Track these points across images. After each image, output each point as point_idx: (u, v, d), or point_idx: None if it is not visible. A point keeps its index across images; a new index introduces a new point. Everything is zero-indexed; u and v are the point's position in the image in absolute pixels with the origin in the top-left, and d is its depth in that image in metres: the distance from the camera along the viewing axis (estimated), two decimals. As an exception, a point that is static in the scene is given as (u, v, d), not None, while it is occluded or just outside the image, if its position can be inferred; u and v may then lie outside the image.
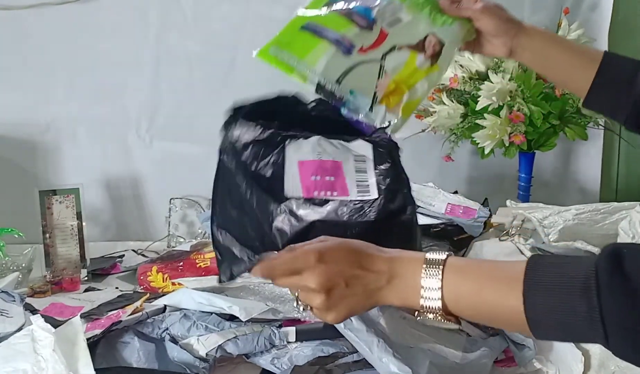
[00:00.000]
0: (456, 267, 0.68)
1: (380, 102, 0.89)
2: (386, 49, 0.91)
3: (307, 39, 0.90)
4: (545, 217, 1.21)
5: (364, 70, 0.89)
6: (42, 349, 0.91)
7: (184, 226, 1.68)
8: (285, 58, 0.88)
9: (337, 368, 0.97)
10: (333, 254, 0.72)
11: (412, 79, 0.92)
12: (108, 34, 1.65)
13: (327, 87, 0.86)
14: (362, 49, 0.90)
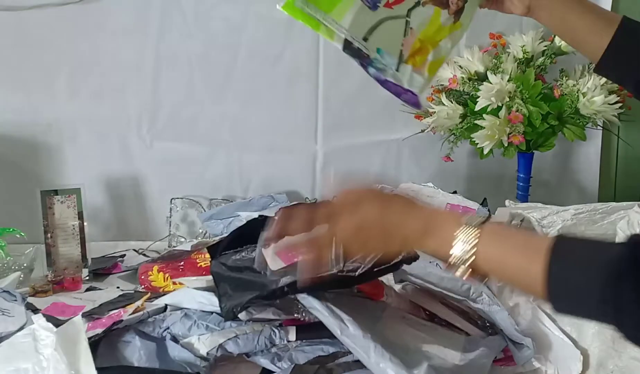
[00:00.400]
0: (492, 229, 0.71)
1: (406, 62, 0.89)
2: (411, 5, 0.89)
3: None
4: (544, 217, 1.21)
5: (390, 27, 0.88)
6: (44, 348, 0.91)
7: (185, 226, 1.68)
8: (311, 11, 0.86)
9: (337, 367, 0.97)
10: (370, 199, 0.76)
11: (437, 36, 0.91)
12: (109, 34, 1.65)
13: (354, 44, 0.85)
14: (387, 3, 0.88)
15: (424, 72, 0.90)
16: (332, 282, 0.96)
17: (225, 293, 1.01)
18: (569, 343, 1.01)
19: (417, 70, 0.90)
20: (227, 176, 1.74)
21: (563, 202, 1.28)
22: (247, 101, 1.71)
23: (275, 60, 1.69)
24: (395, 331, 0.99)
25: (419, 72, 0.90)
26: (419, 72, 0.90)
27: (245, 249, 1.09)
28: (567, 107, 1.53)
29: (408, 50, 0.89)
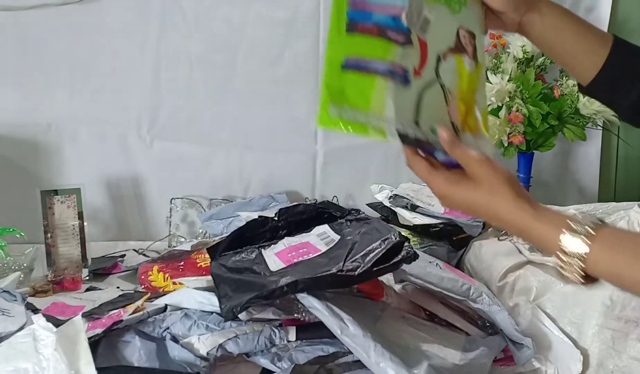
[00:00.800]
0: (605, 238, 0.70)
1: (463, 131, 0.80)
2: (434, 63, 0.80)
3: (358, 80, 0.76)
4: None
5: (431, 99, 0.78)
6: (44, 348, 0.91)
7: (185, 226, 1.69)
8: (351, 116, 0.75)
9: (338, 367, 0.97)
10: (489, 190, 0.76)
11: (471, 87, 0.83)
12: (109, 34, 1.65)
13: (409, 134, 0.75)
14: (415, 71, 0.78)
15: (483, 134, 0.82)
16: (332, 282, 0.96)
17: (226, 295, 1.01)
18: (569, 343, 1.01)
19: (477, 135, 0.82)
20: (227, 176, 1.74)
21: (563, 202, 1.29)
22: (247, 101, 1.71)
23: (275, 60, 1.69)
24: (395, 331, 0.99)
25: (480, 137, 0.82)
26: (479, 136, 0.82)
27: (245, 250, 1.10)
28: (567, 107, 1.53)
29: (458, 117, 0.80)
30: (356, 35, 0.77)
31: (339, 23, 0.77)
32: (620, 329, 0.99)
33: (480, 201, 0.76)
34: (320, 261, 0.99)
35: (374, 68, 0.76)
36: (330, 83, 0.75)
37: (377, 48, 0.76)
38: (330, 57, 0.77)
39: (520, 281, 1.15)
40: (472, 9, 0.85)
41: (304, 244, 1.06)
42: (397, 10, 0.77)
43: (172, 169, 1.72)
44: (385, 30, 0.77)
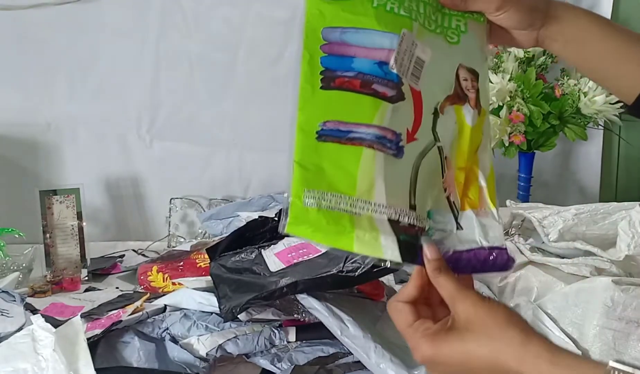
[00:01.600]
0: None
1: (462, 209, 0.64)
2: (430, 120, 0.64)
3: (339, 153, 0.59)
4: (545, 217, 1.21)
5: (428, 170, 0.63)
6: (43, 349, 0.91)
7: (184, 226, 1.68)
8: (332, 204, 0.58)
9: (338, 368, 0.97)
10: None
11: (474, 145, 0.66)
12: (108, 34, 1.65)
13: (403, 223, 0.59)
14: (409, 134, 0.62)
15: (488, 209, 0.65)
16: (332, 282, 0.96)
17: (225, 295, 1.01)
18: (569, 343, 1.01)
19: (481, 213, 0.65)
20: (227, 176, 1.74)
21: (564, 202, 1.28)
22: (247, 100, 1.71)
23: (275, 60, 1.68)
24: (395, 332, 0.98)
25: (484, 215, 0.65)
26: (483, 214, 0.65)
27: (245, 251, 1.09)
28: (568, 106, 1.52)
29: (455, 192, 0.64)
30: (334, 91, 0.62)
31: (312, 76, 0.64)
32: (621, 329, 0.98)
33: (477, 352, 0.58)
34: (320, 262, 0.99)
35: (359, 137, 0.60)
36: (304, 159, 0.60)
37: (361, 107, 0.61)
38: (302, 124, 0.62)
39: (521, 281, 1.14)
40: (473, 35, 0.70)
41: (304, 245, 1.05)
42: (384, 54, 0.63)
43: (172, 169, 1.72)
44: (370, 82, 0.62)
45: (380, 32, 0.63)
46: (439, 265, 0.60)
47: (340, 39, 0.63)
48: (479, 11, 0.70)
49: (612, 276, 1.03)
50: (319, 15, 0.64)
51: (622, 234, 1.11)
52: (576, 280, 1.06)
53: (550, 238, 1.18)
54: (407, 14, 0.65)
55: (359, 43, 0.63)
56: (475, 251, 0.62)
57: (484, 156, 0.67)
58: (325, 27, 0.64)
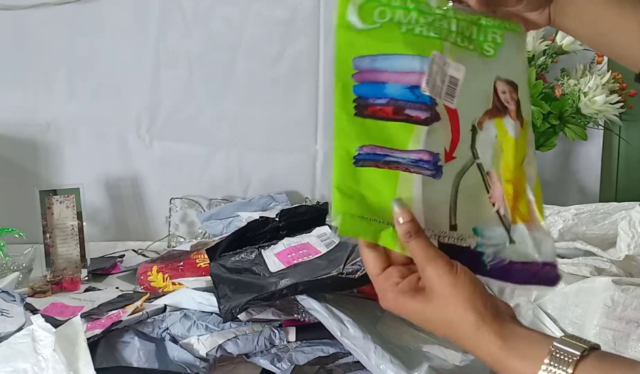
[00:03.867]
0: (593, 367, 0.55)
1: (514, 222, 0.64)
2: (469, 137, 0.64)
3: (376, 178, 0.61)
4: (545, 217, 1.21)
5: (469, 189, 0.63)
6: (43, 349, 0.91)
7: (184, 226, 1.68)
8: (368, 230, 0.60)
9: (338, 368, 0.97)
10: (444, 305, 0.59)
11: (518, 158, 0.66)
12: (108, 33, 1.64)
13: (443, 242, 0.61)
14: (447, 154, 0.62)
15: (538, 223, 0.65)
16: (332, 284, 0.96)
17: (225, 295, 1.01)
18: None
19: (532, 226, 0.64)
20: (227, 176, 1.74)
21: (564, 202, 1.28)
22: (247, 100, 1.70)
23: (275, 60, 1.68)
24: (395, 332, 0.99)
25: (535, 228, 0.64)
26: (535, 226, 0.64)
27: (245, 251, 1.09)
28: (568, 106, 1.52)
29: (504, 205, 0.64)
30: (368, 119, 0.62)
31: (345, 104, 0.62)
32: (621, 329, 0.99)
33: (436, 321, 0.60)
34: (320, 263, 0.99)
35: (395, 161, 0.61)
36: (342, 185, 0.60)
37: (394, 134, 0.61)
38: (338, 150, 0.61)
39: (521, 281, 1.14)
40: (511, 46, 0.68)
41: (304, 246, 1.06)
42: (414, 78, 0.63)
43: (172, 169, 1.72)
44: (402, 107, 0.62)
45: (410, 56, 0.63)
46: (410, 229, 0.59)
47: (370, 66, 0.64)
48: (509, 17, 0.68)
49: (612, 276, 1.03)
50: (348, 45, 0.64)
51: (622, 234, 1.11)
52: (576, 280, 1.06)
53: (550, 238, 1.18)
54: (436, 35, 0.65)
55: (390, 69, 0.63)
56: (529, 264, 0.63)
57: (530, 168, 0.67)
58: (356, 56, 0.64)
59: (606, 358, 0.56)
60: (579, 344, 0.55)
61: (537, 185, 0.67)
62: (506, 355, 0.56)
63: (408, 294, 0.60)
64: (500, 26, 0.68)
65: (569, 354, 0.54)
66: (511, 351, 0.56)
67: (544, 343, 0.56)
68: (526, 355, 0.56)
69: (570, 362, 0.53)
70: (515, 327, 0.58)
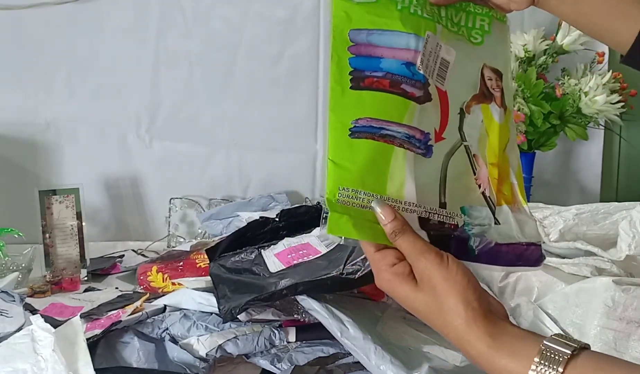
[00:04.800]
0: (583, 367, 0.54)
1: (499, 204, 0.65)
2: (457, 119, 0.65)
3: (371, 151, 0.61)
4: (546, 217, 1.21)
5: (457, 169, 0.64)
6: (42, 349, 0.90)
7: (184, 226, 1.68)
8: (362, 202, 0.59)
9: (338, 368, 0.97)
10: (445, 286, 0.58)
11: (502, 143, 0.67)
12: (108, 33, 1.64)
13: (433, 220, 0.61)
14: (437, 134, 0.63)
15: (521, 205, 0.66)
16: (332, 284, 0.95)
17: (224, 295, 1.00)
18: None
19: (515, 208, 0.66)
20: (227, 176, 1.74)
21: (565, 202, 1.28)
22: (247, 100, 1.70)
23: (275, 60, 1.68)
24: (395, 332, 0.98)
25: (518, 210, 0.66)
26: (517, 209, 0.66)
27: (245, 251, 1.09)
28: (568, 106, 1.52)
29: (489, 187, 0.65)
30: (364, 91, 0.62)
31: (341, 77, 0.63)
32: (622, 329, 0.98)
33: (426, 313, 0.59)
34: (320, 264, 0.99)
35: (391, 134, 0.61)
36: (337, 157, 0.60)
37: (391, 106, 0.62)
38: (334, 123, 0.61)
39: (522, 281, 1.14)
40: (497, 36, 0.71)
41: (304, 246, 1.05)
42: (410, 55, 0.63)
43: (171, 169, 1.72)
44: (399, 82, 0.62)
45: (406, 34, 0.64)
46: (394, 227, 0.59)
47: (366, 40, 0.64)
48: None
49: (612, 276, 1.03)
50: (345, 17, 0.65)
51: (622, 234, 1.11)
52: (577, 280, 1.05)
53: (551, 238, 1.18)
54: (429, 17, 0.66)
55: (386, 44, 0.64)
56: (513, 246, 0.64)
57: (512, 154, 0.68)
58: (352, 29, 0.65)
59: (596, 357, 0.56)
60: (570, 343, 0.54)
61: (519, 171, 0.68)
62: (495, 353, 0.56)
63: (402, 277, 0.60)
64: (487, 14, 0.70)
65: (560, 353, 0.53)
66: (501, 349, 0.56)
67: (534, 341, 0.55)
68: (516, 353, 0.55)
69: (560, 361, 0.53)
70: (506, 326, 0.58)
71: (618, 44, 0.74)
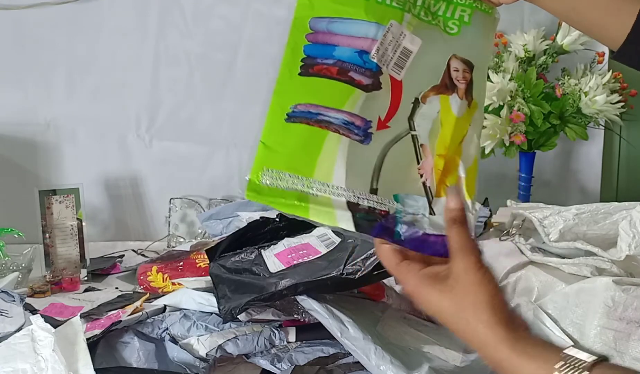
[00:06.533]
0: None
1: (437, 195, 0.65)
2: (409, 109, 0.65)
3: (304, 135, 0.62)
4: (546, 217, 1.21)
5: (398, 157, 0.64)
6: (42, 349, 0.90)
7: (184, 226, 1.68)
8: (288, 184, 0.61)
9: (338, 368, 0.97)
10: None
11: (458, 136, 0.67)
12: (108, 33, 1.64)
13: (362, 204, 0.61)
14: (380, 122, 0.64)
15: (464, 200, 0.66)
16: (332, 285, 0.95)
17: (224, 295, 1.00)
18: (570, 343, 1.01)
19: None
20: (227, 176, 1.74)
21: (565, 202, 1.28)
22: (247, 100, 1.70)
23: (275, 59, 1.67)
24: (396, 332, 0.98)
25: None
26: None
27: (245, 251, 1.09)
28: (568, 106, 1.52)
29: (432, 179, 0.65)
30: (311, 78, 0.64)
31: (292, 63, 0.66)
32: (622, 330, 0.98)
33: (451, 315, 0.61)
34: (320, 264, 0.98)
35: (327, 119, 0.62)
36: (269, 140, 0.64)
37: (334, 93, 0.63)
38: (274, 107, 0.65)
39: (522, 281, 1.14)
40: (478, 27, 0.70)
41: (304, 246, 1.05)
42: (366, 44, 0.64)
43: (171, 169, 1.72)
44: (347, 69, 0.64)
45: (367, 23, 0.65)
46: (456, 217, 0.62)
47: (326, 28, 0.66)
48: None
49: (612, 276, 1.03)
50: (308, 5, 0.68)
51: (622, 234, 1.11)
52: (577, 280, 1.05)
53: (550, 238, 1.18)
54: (399, 6, 0.66)
55: (344, 32, 0.65)
56: (443, 237, 0.63)
57: (469, 148, 0.68)
58: (314, 17, 0.67)
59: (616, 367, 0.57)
60: (589, 354, 0.56)
61: (474, 166, 0.68)
62: (516, 357, 0.57)
63: (430, 280, 0.61)
64: (470, 5, 0.70)
65: (580, 362, 0.55)
66: (522, 354, 0.57)
67: (555, 350, 0.57)
68: (538, 358, 0.57)
69: (582, 368, 0.54)
70: (527, 334, 0.59)
71: (610, 40, 0.74)
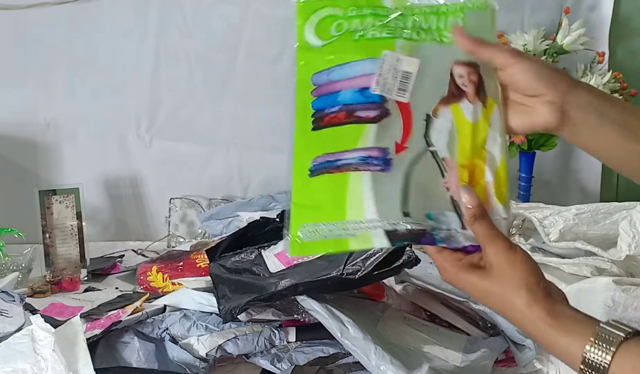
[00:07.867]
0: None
1: None
2: (422, 127, 0.65)
3: (328, 183, 0.64)
4: (546, 217, 1.21)
5: (423, 175, 0.64)
6: (42, 349, 0.90)
7: (184, 226, 1.68)
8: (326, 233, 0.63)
9: (338, 368, 0.97)
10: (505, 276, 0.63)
11: (478, 140, 0.66)
12: (108, 33, 1.64)
13: (399, 229, 0.62)
14: (398, 146, 0.64)
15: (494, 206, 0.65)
16: (332, 285, 0.95)
17: (224, 295, 1.00)
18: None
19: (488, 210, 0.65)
20: (227, 176, 1.74)
21: (565, 202, 1.28)
22: (247, 100, 1.70)
23: (275, 59, 1.68)
24: (396, 332, 0.98)
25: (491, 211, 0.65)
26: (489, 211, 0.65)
27: (245, 251, 1.09)
28: (568, 106, 1.52)
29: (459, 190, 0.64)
30: (323, 130, 0.67)
31: (304, 121, 0.69)
32: (622, 330, 0.98)
33: (491, 294, 0.64)
34: (320, 264, 0.98)
35: (346, 163, 0.64)
36: (299, 199, 0.65)
37: (345, 136, 0.65)
38: (297, 168, 0.67)
39: (522, 281, 1.14)
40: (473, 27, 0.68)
41: None
42: (365, 80, 0.66)
43: (171, 169, 1.72)
44: (352, 111, 0.65)
45: (362, 61, 0.67)
46: (475, 213, 0.64)
47: (327, 79, 0.68)
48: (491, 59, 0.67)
49: (612, 276, 1.03)
50: (305, 65, 0.72)
51: (622, 234, 1.11)
52: (577, 280, 1.05)
53: (551, 238, 1.18)
54: (389, 35, 0.67)
55: (343, 77, 0.67)
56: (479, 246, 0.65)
57: (493, 149, 0.66)
58: (314, 73, 0.70)
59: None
60: (624, 328, 0.58)
61: (502, 166, 0.66)
62: (553, 332, 0.61)
63: (468, 268, 0.65)
64: (461, 9, 0.69)
65: (614, 335, 0.58)
66: (559, 328, 0.60)
67: (591, 323, 0.60)
68: (573, 332, 0.60)
69: (614, 342, 0.57)
70: (564, 308, 0.62)
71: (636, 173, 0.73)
